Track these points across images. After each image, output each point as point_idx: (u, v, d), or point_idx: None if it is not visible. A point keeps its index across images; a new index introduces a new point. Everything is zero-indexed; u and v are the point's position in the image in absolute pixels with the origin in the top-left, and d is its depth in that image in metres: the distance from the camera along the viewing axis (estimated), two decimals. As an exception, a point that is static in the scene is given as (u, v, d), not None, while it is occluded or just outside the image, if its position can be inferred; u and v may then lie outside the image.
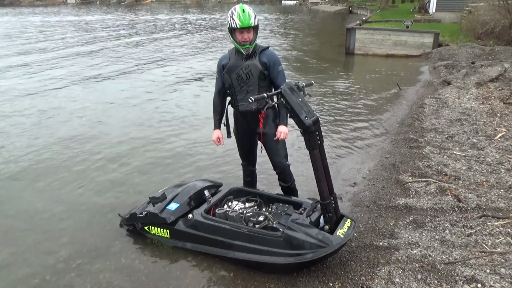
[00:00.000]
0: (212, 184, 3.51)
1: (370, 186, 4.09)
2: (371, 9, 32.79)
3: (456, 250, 2.80)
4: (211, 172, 4.61)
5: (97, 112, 7.21)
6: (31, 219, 3.71)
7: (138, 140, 5.73)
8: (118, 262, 3.07)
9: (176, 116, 6.88)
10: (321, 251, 2.57)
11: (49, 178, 4.55)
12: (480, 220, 3.18)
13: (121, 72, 10.96)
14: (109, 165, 4.89)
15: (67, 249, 3.24)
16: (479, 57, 10.38)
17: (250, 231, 2.81)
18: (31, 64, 12.29)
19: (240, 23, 2.84)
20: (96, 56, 13.81)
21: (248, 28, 2.87)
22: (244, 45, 2.92)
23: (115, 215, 3.62)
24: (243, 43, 2.91)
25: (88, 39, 19.11)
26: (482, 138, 4.90)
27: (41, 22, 30.84)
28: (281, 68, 3.03)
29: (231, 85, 3.08)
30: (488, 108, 6.06)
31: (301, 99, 2.57)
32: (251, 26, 2.87)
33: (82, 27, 26.20)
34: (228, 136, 3.34)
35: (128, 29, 24.31)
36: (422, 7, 22.76)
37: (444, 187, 3.73)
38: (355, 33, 13.42)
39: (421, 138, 5.15)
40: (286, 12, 43.23)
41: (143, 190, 4.16)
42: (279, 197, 3.27)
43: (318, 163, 2.60)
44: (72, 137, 5.90)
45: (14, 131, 6.22)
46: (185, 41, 17.90)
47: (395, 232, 3.16)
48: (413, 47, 12.61)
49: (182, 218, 3.11)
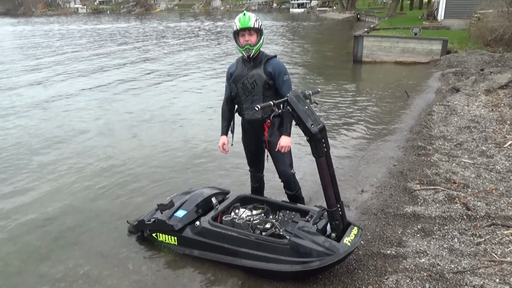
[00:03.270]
0: (220, 191, 3.53)
1: (378, 194, 4.07)
2: (379, 16, 32.81)
3: (465, 259, 2.77)
4: (218, 179, 4.63)
5: (107, 120, 7.31)
6: (42, 227, 3.75)
7: (146, 148, 5.78)
8: (125, 268, 3.09)
9: (185, 123, 6.94)
10: (328, 259, 2.56)
11: (59, 186, 4.60)
12: (490, 228, 3.14)
13: (133, 80, 11.12)
14: (118, 172, 4.93)
15: (76, 255, 3.27)
16: (488, 64, 10.32)
17: (257, 238, 2.81)
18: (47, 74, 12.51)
19: (239, 24, 2.92)
20: (125, 63, 14.01)
21: (248, 30, 2.93)
22: (245, 46, 2.96)
23: (123, 222, 3.65)
24: (244, 45, 2.96)
25: (120, 45, 19.40)
26: (492, 146, 4.86)
27: (67, 30, 31.62)
28: (286, 78, 3.04)
29: (237, 94, 3.12)
30: (497, 115, 6.01)
31: (308, 107, 2.59)
32: (251, 28, 2.92)
33: (105, 35, 26.63)
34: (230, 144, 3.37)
35: (158, 36, 24.65)
36: (430, 14, 22.76)
37: (452, 195, 3.70)
38: (363, 40, 13.43)
39: (430, 145, 5.12)
40: (294, 20, 43.46)
41: (151, 197, 4.20)
42: (286, 205, 3.28)
43: (325, 170, 2.60)
44: (82, 145, 5.98)
45: (21, 136, 6.33)
46: (203, 49, 18.09)
47: (403, 241, 3.14)
48: (422, 54, 12.57)
49: (189, 225, 3.13)
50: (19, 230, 3.71)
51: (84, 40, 23.97)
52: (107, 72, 12.63)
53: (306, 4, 70.90)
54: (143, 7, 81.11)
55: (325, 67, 13.16)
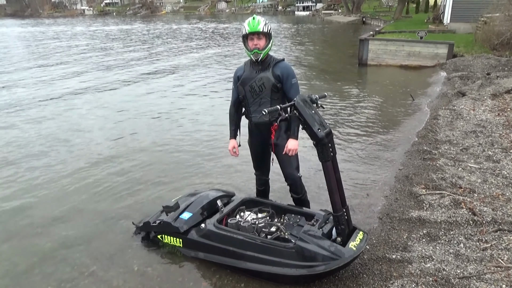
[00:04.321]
0: (225, 194, 3.54)
1: (383, 198, 4.06)
2: (384, 19, 32.78)
3: (471, 265, 2.76)
4: (224, 181, 4.64)
5: (112, 121, 7.35)
6: (48, 228, 3.78)
7: (153, 150, 5.81)
8: (131, 270, 3.11)
9: (191, 126, 6.96)
10: (333, 263, 2.56)
11: (65, 187, 4.64)
12: (496, 234, 3.13)
13: (138, 79, 11.18)
14: (123, 174, 4.96)
15: (82, 256, 3.30)
16: (495, 68, 10.26)
17: (262, 241, 2.82)
18: (52, 74, 12.62)
19: (249, 28, 2.94)
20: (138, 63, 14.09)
21: (257, 34, 2.94)
22: (253, 50, 2.97)
23: (129, 223, 3.67)
24: (253, 48, 2.97)
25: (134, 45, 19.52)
26: (498, 151, 4.83)
27: (81, 30, 31.80)
28: (294, 81, 3.05)
29: (244, 97, 3.13)
30: (504, 120, 5.98)
31: (314, 111, 2.60)
32: (260, 32, 2.93)
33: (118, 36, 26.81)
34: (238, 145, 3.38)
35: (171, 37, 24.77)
36: (436, 18, 22.67)
37: (458, 200, 3.68)
38: (368, 43, 13.43)
39: (435, 150, 5.10)
40: (299, 23, 43.50)
41: (157, 199, 4.22)
42: (291, 208, 3.28)
43: (331, 175, 2.61)
44: (87, 146, 6.03)
45: (27, 137, 6.38)
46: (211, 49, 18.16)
47: (408, 245, 3.13)
48: (427, 58, 12.54)
49: (195, 228, 3.14)
50: (25, 230, 3.74)
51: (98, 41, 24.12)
52: (111, 71, 12.71)
53: (312, 7, 71.01)
54: (148, 9, 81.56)
55: (330, 71, 13.16)
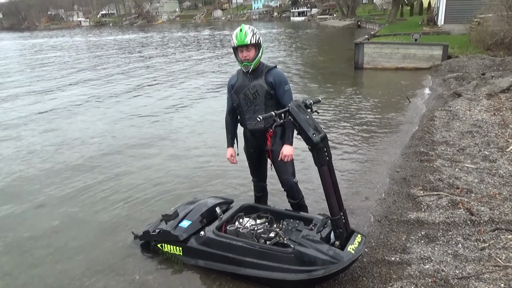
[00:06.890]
0: (224, 201, 3.56)
1: (381, 201, 4.08)
2: (379, 23, 33.00)
3: (469, 265, 2.77)
4: (222, 188, 4.65)
5: (111, 129, 7.37)
6: (48, 239, 3.79)
7: (150, 158, 5.83)
8: (132, 279, 3.11)
9: (188, 133, 6.99)
10: (333, 267, 2.57)
11: (65, 198, 4.65)
12: (494, 233, 3.14)
13: (135, 89, 11.23)
14: (122, 183, 4.97)
15: (82, 266, 3.30)
16: (490, 68, 10.33)
17: (262, 247, 2.83)
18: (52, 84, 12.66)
19: (236, 41, 2.96)
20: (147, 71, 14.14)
21: (246, 46, 2.96)
22: (243, 62, 3.00)
23: (129, 232, 3.68)
24: (243, 60, 3.00)
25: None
26: (494, 150, 4.86)
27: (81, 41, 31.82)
28: (287, 88, 3.08)
29: (239, 105, 3.16)
30: (499, 119, 6.02)
31: (309, 116, 2.62)
32: (248, 44, 2.95)
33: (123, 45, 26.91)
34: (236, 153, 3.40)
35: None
36: (430, 20, 22.86)
37: (456, 200, 3.70)
38: (363, 47, 13.50)
39: (432, 151, 5.13)
40: (295, 28, 43.74)
41: (156, 207, 4.23)
42: (289, 213, 3.30)
43: (327, 179, 2.63)
44: (85, 156, 6.04)
45: (27, 150, 6.40)
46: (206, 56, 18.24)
47: (407, 247, 3.14)
48: (422, 59, 12.61)
49: (194, 236, 3.15)
50: (24, 241, 3.74)
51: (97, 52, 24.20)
52: (113, 81, 12.77)
53: (307, 12, 71.56)
54: (145, 19, 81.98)
55: (326, 75, 13.22)
